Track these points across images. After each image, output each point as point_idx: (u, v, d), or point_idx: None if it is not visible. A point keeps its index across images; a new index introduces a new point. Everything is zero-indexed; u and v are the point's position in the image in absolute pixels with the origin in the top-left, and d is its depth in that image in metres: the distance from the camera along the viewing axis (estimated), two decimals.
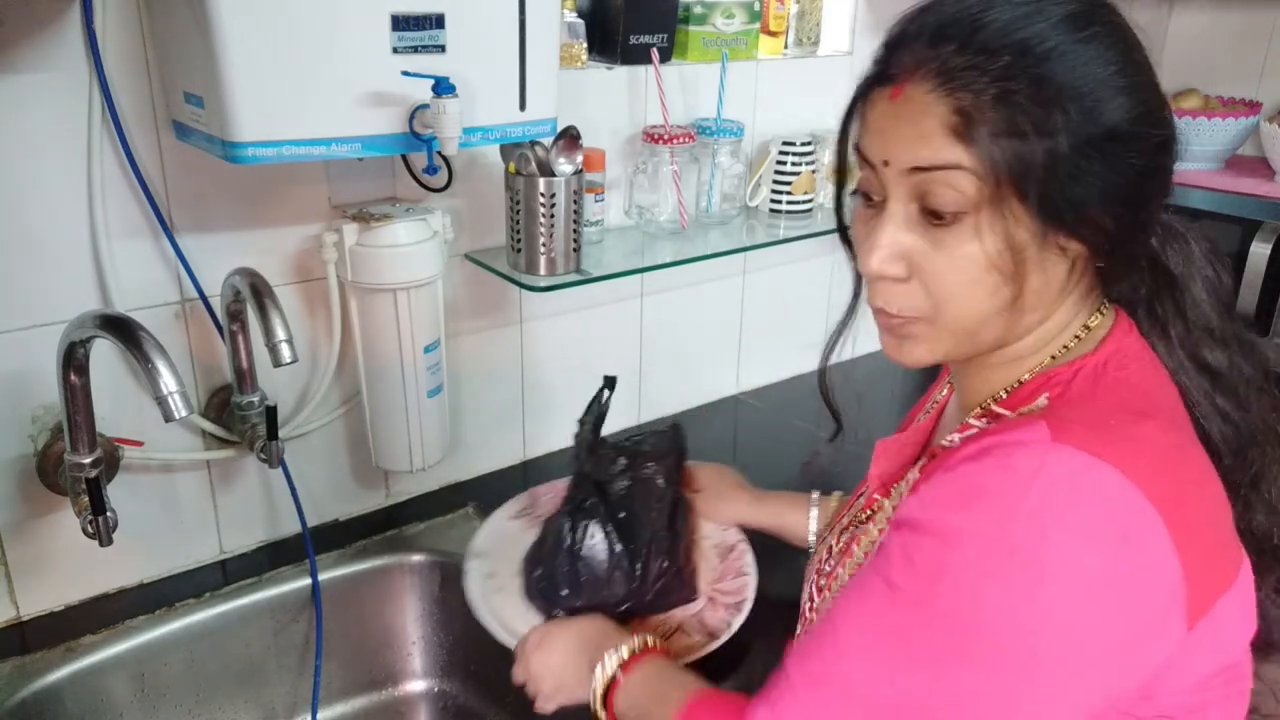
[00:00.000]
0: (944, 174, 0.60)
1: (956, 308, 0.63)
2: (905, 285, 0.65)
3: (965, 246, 0.61)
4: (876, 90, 0.65)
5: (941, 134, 0.60)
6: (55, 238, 0.95)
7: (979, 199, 0.60)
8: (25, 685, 0.96)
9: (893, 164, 0.63)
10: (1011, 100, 0.59)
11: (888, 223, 0.64)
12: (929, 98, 0.60)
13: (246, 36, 0.81)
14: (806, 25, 1.53)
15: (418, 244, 1.07)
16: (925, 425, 0.82)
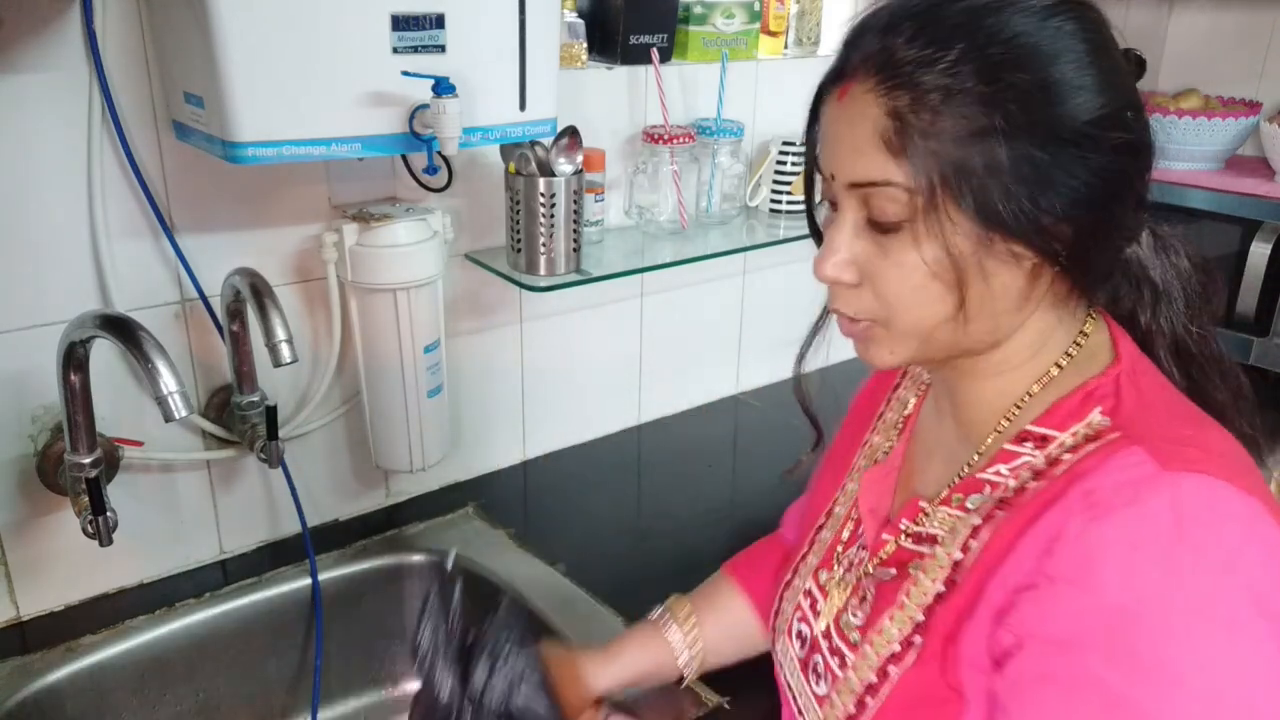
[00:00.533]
0: (877, 189, 0.59)
1: (905, 314, 0.62)
2: (857, 290, 0.64)
3: (906, 255, 0.60)
4: (830, 90, 0.63)
5: (874, 145, 0.59)
6: (55, 238, 0.95)
7: (914, 209, 0.59)
8: (25, 685, 0.96)
9: (838, 177, 0.62)
10: (953, 99, 0.56)
11: (840, 230, 0.63)
12: (868, 98, 0.59)
13: (246, 36, 0.81)
14: (806, 25, 1.53)
15: (418, 244, 1.07)
16: (900, 447, 0.78)
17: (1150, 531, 0.54)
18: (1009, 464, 0.65)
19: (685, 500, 1.34)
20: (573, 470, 1.41)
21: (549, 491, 1.36)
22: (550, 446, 1.44)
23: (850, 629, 0.71)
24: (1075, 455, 0.60)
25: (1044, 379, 0.66)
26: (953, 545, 0.65)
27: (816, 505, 0.85)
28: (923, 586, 0.66)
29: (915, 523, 0.69)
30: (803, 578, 0.80)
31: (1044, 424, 0.64)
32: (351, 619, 1.16)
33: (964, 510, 0.66)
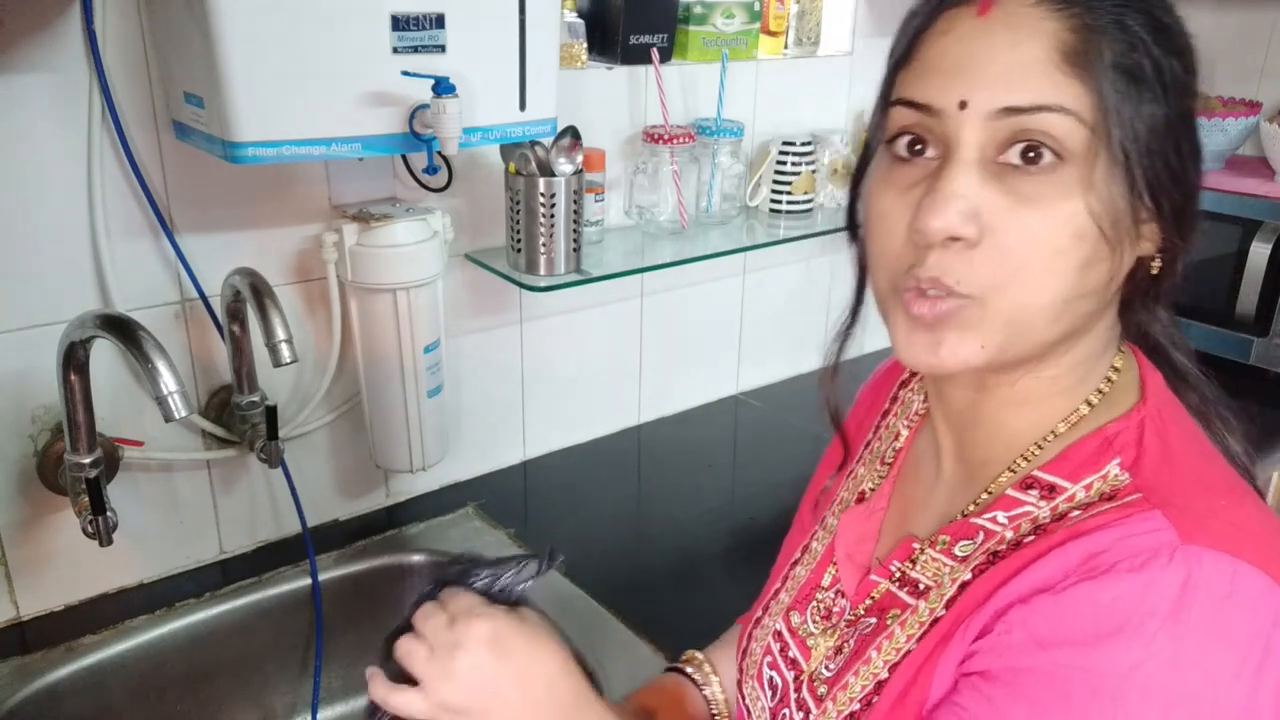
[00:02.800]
0: (1045, 116, 0.49)
1: (1031, 284, 0.51)
2: (971, 253, 0.51)
3: (1062, 204, 0.49)
4: (954, 9, 0.52)
5: (1049, 61, 0.49)
6: (55, 238, 0.95)
7: (1085, 149, 0.49)
8: (25, 685, 0.96)
9: (973, 105, 0.50)
10: (1132, 33, 0.49)
11: (958, 172, 0.51)
12: (1036, 11, 0.49)
13: (246, 36, 0.81)
14: (806, 25, 1.53)
15: (418, 244, 1.07)
16: (887, 484, 0.69)
17: (1149, 607, 0.47)
18: (1009, 511, 0.57)
19: (685, 500, 1.34)
20: (573, 470, 1.41)
21: (549, 491, 1.36)
22: (550, 446, 1.44)
23: (820, 682, 0.64)
24: (1086, 515, 0.53)
25: (1072, 417, 0.57)
26: (938, 601, 0.57)
27: (794, 538, 0.79)
28: (895, 642, 0.59)
29: (905, 564, 0.62)
30: (773, 616, 0.73)
31: (1053, 471, 0.56)
32: (351, 619, 1.16)
33: (951, 557, 0.59)
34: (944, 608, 0.57)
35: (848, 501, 0.72)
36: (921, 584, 0.60)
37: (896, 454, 0.70)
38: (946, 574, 0.58)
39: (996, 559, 0.55)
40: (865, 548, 0.67)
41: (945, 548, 0.60)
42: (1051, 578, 0.50)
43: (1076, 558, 0.50)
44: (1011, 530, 0.56)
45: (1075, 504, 0.54)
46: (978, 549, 0.57)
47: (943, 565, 0.59)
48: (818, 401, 0.72)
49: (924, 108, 0.52)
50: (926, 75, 0.53)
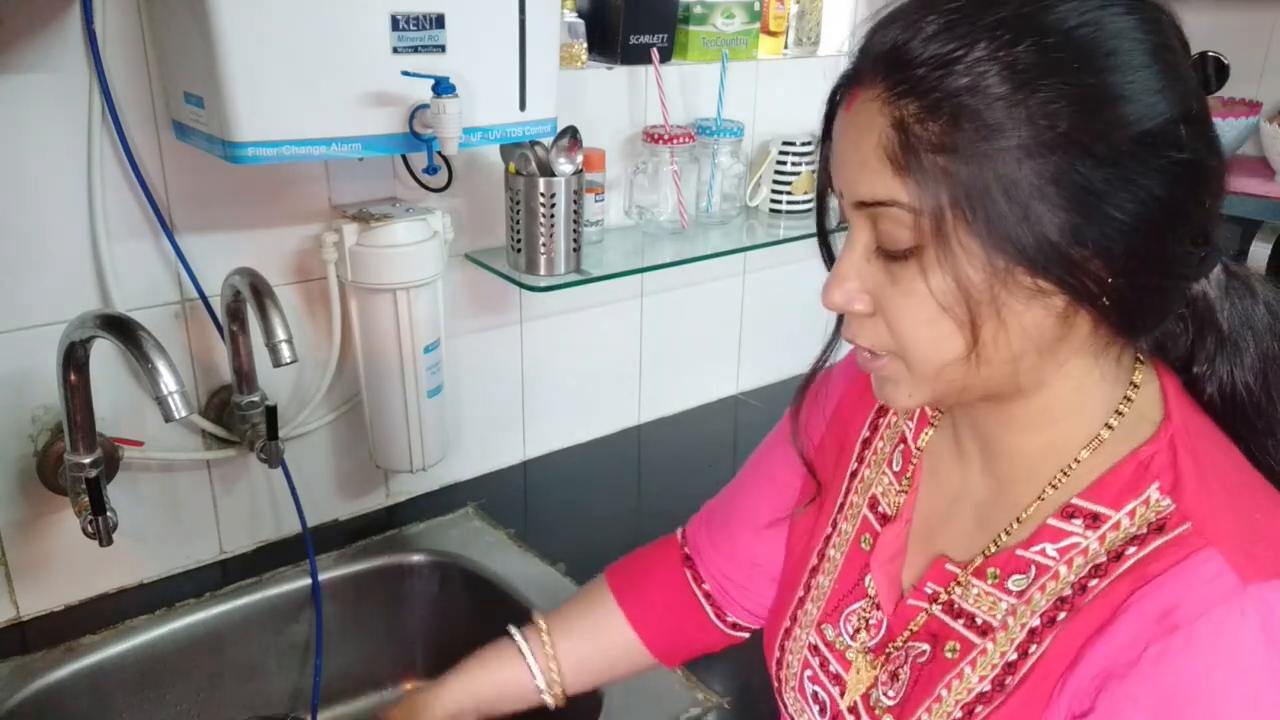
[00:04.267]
0: (882, 210, 0.53)
1: (919, 349, 0.55)
2: (872, 320, 0.57)
3: (915, 284, 0.53)
4: (840, 99, 0.57)
5: (879, 160, 0.52)
6: (55, 238, 0.95)
7: (922, 234, 0.52)
8: (25, 685, 0.96)
9: (845, 196, 0.56)
10: (969, 107, 0.49)
11: (849, 254, 0.57)
12: (873, 106, 0.52)
13: (246, 36, 0.81)
14: (806, 25, 1.53)
15: (418, 244, 1.07)
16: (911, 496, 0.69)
17: (1238, 669, 0.49)
18: (1056, 544, 0.58)
19: (685, 500, 1.33)
20: (573, 470, 1.41)
21: (549, 491, 1.36)
22: (550, 446, 1.44)
23: (881, 709, 0.65)
24: (1141, 550, 0.54)
25: (1094, 443, 0.58)
26: (1008, 645, 0.58)
27: (798, 539, 0.77)
28: (967, 682, 0.59)
29: (947, 590, 0.62)
30: (805, 629, 0.73)
31: (1092, 499, 0.57)
32: (351, 619, 1.16)
33: (1005, 591, 0.59)
34: (1016, 652, 0.58)
35: (859, 505, 0.72)
36: (978, 618, 0.60)
37: (914, 464, 0.70)
38: (1006, 612, 0.59)
39: (1065, 604, 0.56)
40: (895, 565, 0.68)
41: (996, 581, 0.60)
42: (1135, 644, 0.51)
43: (1152, 617, 0.51)
44: (1065, 565, 0.57)
45: (1124, 535, 0.55)
46: (1033, 586, 0.58)
47: (998, 600, 0.60)
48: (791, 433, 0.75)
49: (834, 190, 0.58)
50: (830, 156, 0.58)
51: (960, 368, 0.55)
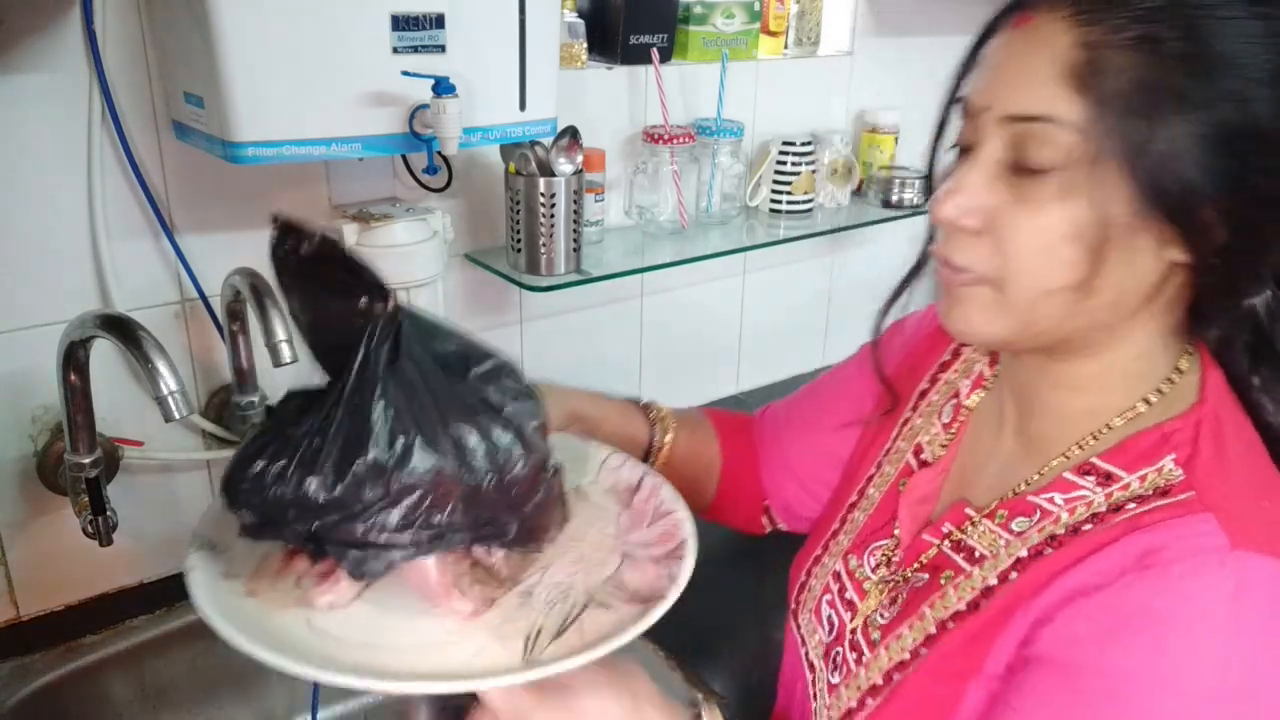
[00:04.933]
0: (1043, 126, 0.53)
1: (1025, 274, 0.56)
2: (977, 239, 0.57)
3: (1048, 207, 0.54)
4: (1002, 22, 0.57)
5: (1052, 76, 0.53)
6: (55, 238, 0.95)
7: (1078, 157, 0.53)
8: (25, 685, 0.96)
9: (993, 109, 0.56)
10: (1154, 49, 0.50)
11: (971, 169, 0.57)
12: (1056, 25, 0.53)
13: (246, 36, 0.81)
14: (806, 25, 1.53)
15: (418, 244, 1.07)
16: (952, 448, 0.73)
17: (1201, 613, 0.50)
18: (1065, 494, 0.61)
19: None
20: None
21: None
22: None
23: (875, 628, 0.69)
24: (1141, 508, 0.56)
25: (1129, 413, 0.61)
26: (991, 572, 0.62)
27: (850, 474, 0.82)
28: (947, 601, 0.64)
29: (960, 529, 0.66)
30: (833, 557, 0.77)
31: (1111, 460, 0.60)
32: None
33: (1008, 531, 0.63)
34: (996, 578, 0.61)
35: (904, 451, 0.76)
36: (977, 552, 0.64)
37: (962, 421, 0.73)
38: (1002, 546, 0.62)
39: (1055, 542, 0.59)
40: (925, 508, 0.71)
41: (1003, 521, 0.63)
42: (1109, 572, 0.54)
43: (1134, 554, 0.53)
44: (1067, 513, 0.60)
45: (1130, 494, 0.57)
46: (1032, 526, 0.61)
47: (999, 537, 0.63)
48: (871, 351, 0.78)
49: (967, 110, 0.59)
50: (976, 78, 0.59)
51: (1060, 301, 0.56)
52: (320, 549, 0.58)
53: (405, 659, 0.58)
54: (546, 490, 0.63)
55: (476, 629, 0.61)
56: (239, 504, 0.58)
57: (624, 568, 0.68)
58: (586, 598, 0.64)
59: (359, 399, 0.56)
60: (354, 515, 0.56)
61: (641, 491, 0.76)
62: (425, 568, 0.59)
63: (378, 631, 0.60)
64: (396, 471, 0.55)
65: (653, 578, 0.66)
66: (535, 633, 0.60)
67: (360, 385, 0.56)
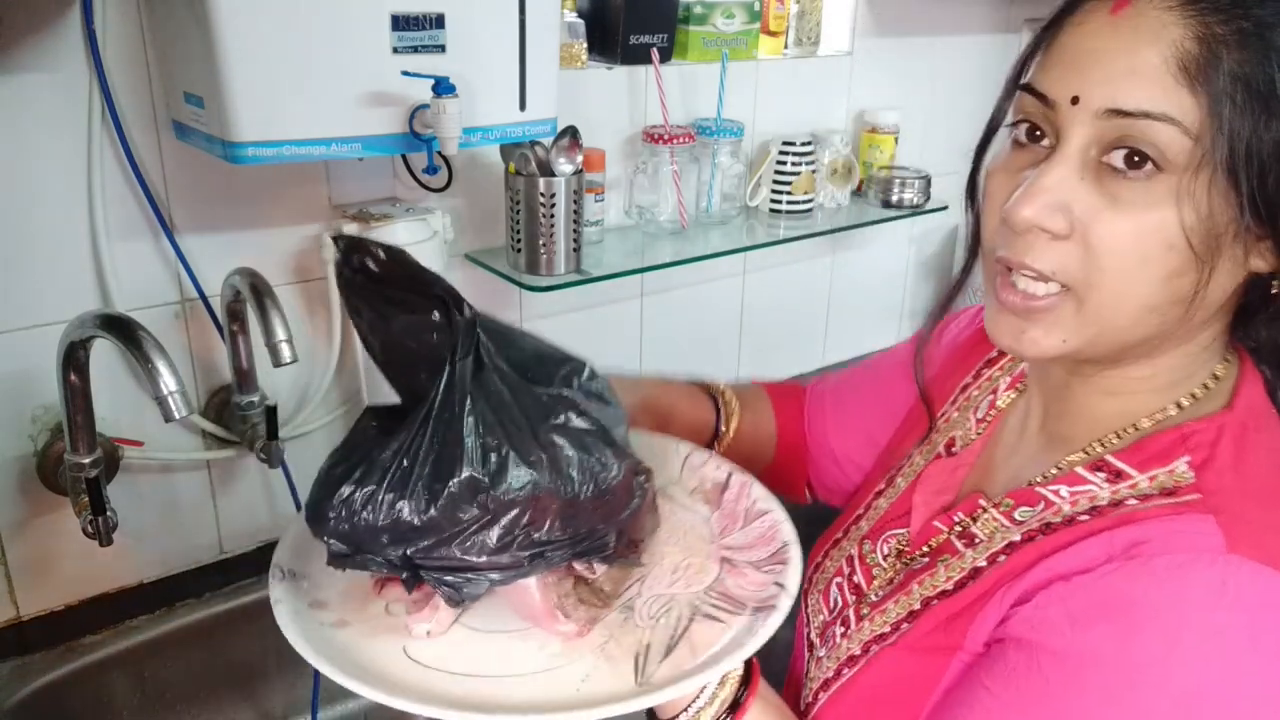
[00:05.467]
0: (1150, 124, 0.49)
1: (1116, 285, 0.51)
2: (1060, 244, 0.52)
3: (1154, 212, 0.49)
4: (1090, 4, 0.52)
5: (1163, 71, 0.48)
6: (55, 238, 0.95)
7: (1184, 159, 0.48)
8: (25, 685, 0.96)
9: (1084, 102, 0.51)
10: (1268, 44, 0.47)
11: (1057, 165, 0.52)
12: (1166, 16, 0.49)
13: (246, 36, 0.81)
14: (806, 25, 1.53)
15: (418, 244, 1.07)
16: (979, 444, 0.71)
17: (1172, 602, 0.48)
18: (1073, 487, 0.59)
19: None
20: None
21: None
22: None
23: (866, 604, 0.69)
24: (1142, 504, 0.54)
25: (1158, 414, 0.58)
26: (982, 554, 0.61)
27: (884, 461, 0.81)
28: (935, 579, 0.63)
29: (970, 517, 0.65)
30: (850, 541, 0.77)
31: (1125, 458, 0.57)
32: None
33: (1010, 520, 0.62)
34: (986, 560, 0.60)
35: (936, 444, 0.75)
36: (977, 538, 0.63)
37: (995, 415, 0.72)
38: (999, 532, 0.61)
39: (1048, 530, 0.58)
40: (943, 499, 0.70)
41: (1007, 510, 0.62)
42: (1093, 559, 0.52)
43: (1121, 544, 0.51)
44: (1069, 504, 0.58)
45: (1136, 492, 0.55)
46: (1034, 516, 0.60)
47: (1000, 525, 0.62)
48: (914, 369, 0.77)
49: (1041, 97, 0.54)
50: (1052, 65, 0.54)
51: (1161, 317, 0.52)
52: (415, 575, 0.56)
53: (510, 688, 0.55)
54: (641, 496, 0.60)
55: (581, 650, 0.58)
56: (327, 533, 0.55)
57: (725, 575, 0.65)
58: (691, 609, 0.61)
59: (447, 415, 0.53)
60: (450, 538, 0.53)
61: (730, 490, 0.73)
62: (527, 590, 0.57)
63: (477, 659, 0.57)
64: (492, 489, 0.53)
65: (757, 585, 0.63)
66: (644, 650, 0.57)
67: (448, 401, 0.53)
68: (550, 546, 0.56)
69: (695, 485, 0.75)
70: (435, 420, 0.53)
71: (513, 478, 0.53)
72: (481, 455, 0.53)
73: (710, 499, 0.73)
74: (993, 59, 1.77)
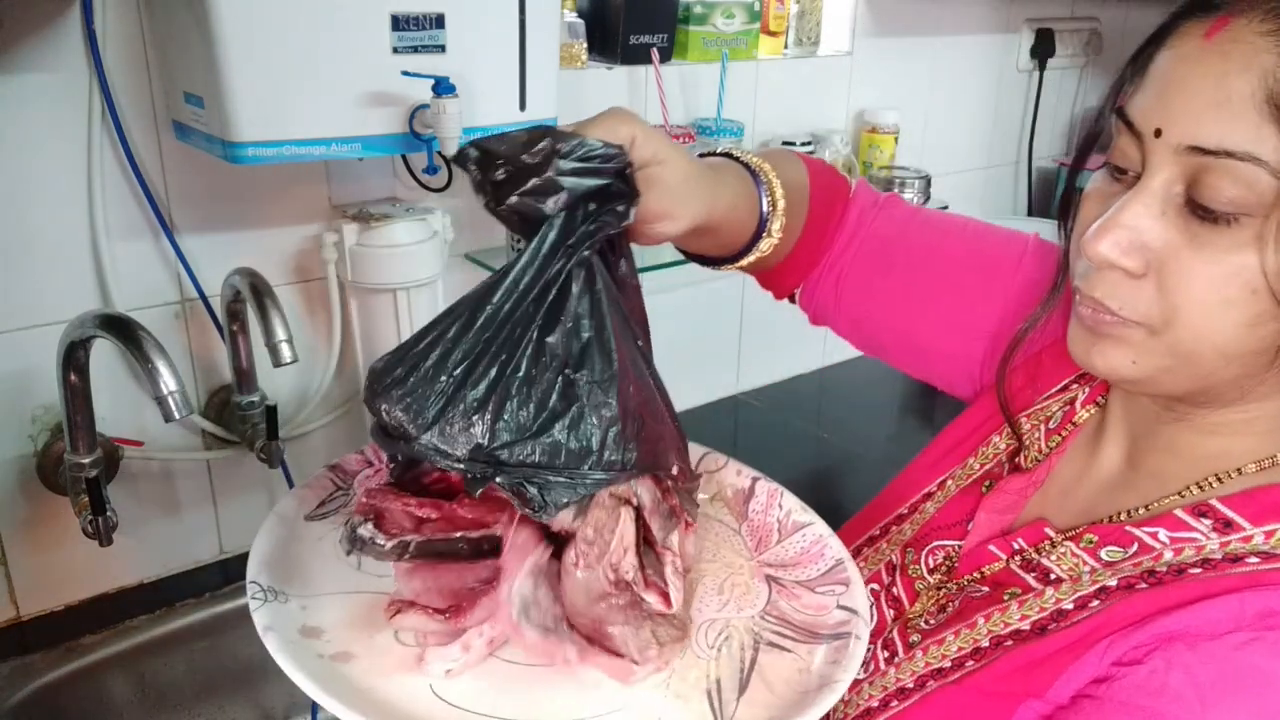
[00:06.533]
0: (1234, 164, 0.45)
1: (1195, 328, 0.48)
2: (1136, 282, 0.50)
3: (1236, 256, 0.46)
4: (1188, 24, 0.48)
5: (1252, 105, 0.44)
6: (55, 238, 0.95)
7: (1274, 203, 0.45)
8: (25, 685, 0.96)
9: (1166, 134, 0.48)
10: None
11: (1137, 201, 0.49)
12: (1262, 42, 0.45)
13: (246, 36, 0.81)
14: (806, 25, 1.53)
15: (418, 244, 1.07)
16: (1047, 463, 0.65)
17: None
18: (1173, 532, 0.54)
19: None
20: None
21: None
22: None
23: (915, 631, 0.64)
24: (1266, 565, 0.49)
25: (1266, 461, 0.54)
26: (1069, 595, 0.55)
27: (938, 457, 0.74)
28: (1008, 617, 0.57)
29: (1037, 550, 0.60)
30: (891, 546, 0.71)
31: (1235, 507, 0.52)
32: None
33: (1095, 558, 0.57)
34: (1073, 603, 0.55)
35: (998, 447, 0.69)
36: (1053, 574, 0.58)
37: (1070, 430, 0.66)
38: (1086, 572, 0.56)
39: (1153, 579, 0.52)
40: (1007, 517, 0.65)
41: (1090, 546, 0.57)
42: (1220, 624, 0.47)
43: (1253, 611, 0.47)
44: (1172, 552, 0.53)
45: (1252, 548, 0.51)
46: (1127, 559, 0.55)
47: (1082, 562, 0.57)
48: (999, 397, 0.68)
49: (1129, 124, 0.51)
50: (1141, 91, 0.51)
51: (1243, 364, 0.49)
52: (483, 478, 0.47)
53: None
54: (671, 410, 0.56)
55: (640, 687, 0.51)
56: (389, 403, 0.48)
57: (776, 596, 0.59)
58: (753, 638, 0.55)
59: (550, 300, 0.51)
60: (542, 428, 0.48)
61: (757, 499, 0.67)
62: (609, 637, 0.51)
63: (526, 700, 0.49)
64: (596, 385, 0.48)
65: (816, 608, 0.57)
66: (715, 686, 0.51)
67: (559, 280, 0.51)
68: (637, 459, 0.50)
69: (715, 493, 0.68)
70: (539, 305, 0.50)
71: (605, 370, 0.50)
72: (581, 353, 0.50)
73: (735, 510, 0.67)
74: (993, 59, 1.77)
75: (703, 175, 0.65)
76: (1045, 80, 1.83)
